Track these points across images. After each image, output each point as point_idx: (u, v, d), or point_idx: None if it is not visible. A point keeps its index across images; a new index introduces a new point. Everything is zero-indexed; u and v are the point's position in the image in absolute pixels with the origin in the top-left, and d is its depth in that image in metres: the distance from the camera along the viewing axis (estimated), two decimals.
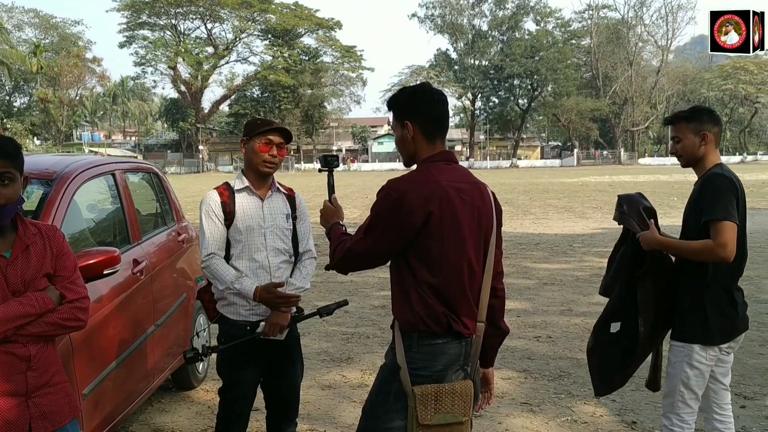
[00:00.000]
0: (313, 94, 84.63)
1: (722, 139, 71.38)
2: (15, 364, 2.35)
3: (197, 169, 79.21)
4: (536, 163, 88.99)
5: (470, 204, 2.53)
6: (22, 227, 2.48)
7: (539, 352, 6.36)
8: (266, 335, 3.38)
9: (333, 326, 7.38)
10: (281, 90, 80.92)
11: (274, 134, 3.46)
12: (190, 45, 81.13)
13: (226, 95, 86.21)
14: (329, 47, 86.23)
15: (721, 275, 3.23)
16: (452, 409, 2.48)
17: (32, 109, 78.95)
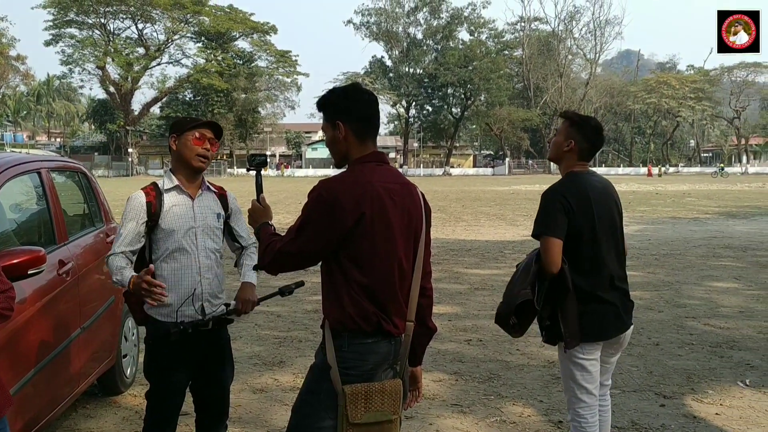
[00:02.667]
0: (247, 98, 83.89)
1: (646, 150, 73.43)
2: None
3: (126, 172, 77.42)
4: (469, 172, 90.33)
5: (401, 204, 2.56)
6: None
7: (470, 354, 6.46)
8: (241, 312, 3.44)
9: (265, 330, 7.34)
10: (214, 94, 79.94)
11: (206, 129, 3.43)
12: (119, 45, 79.35)
13: (157, 98, 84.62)
14: (264, 51, 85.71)
15: (577, 282, 3.38)
16: (382, 407, 2.51)
17: None
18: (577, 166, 3.56)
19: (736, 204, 28.67)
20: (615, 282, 3.47)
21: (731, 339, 6.93)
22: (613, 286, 3.46)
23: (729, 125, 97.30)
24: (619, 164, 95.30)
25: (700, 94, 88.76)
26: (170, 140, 3.49)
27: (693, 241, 15.24)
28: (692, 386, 5.51)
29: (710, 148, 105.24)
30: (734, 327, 7.40)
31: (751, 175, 79.11)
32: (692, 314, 8.03)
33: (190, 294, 3.36)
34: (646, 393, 5.37)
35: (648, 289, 9.47)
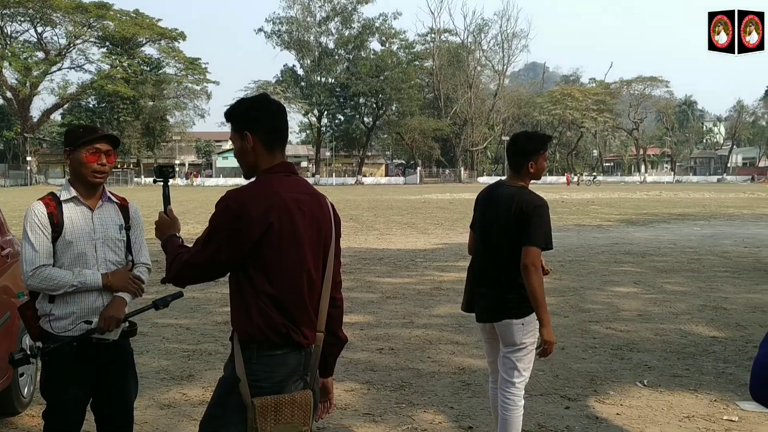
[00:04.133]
0: (154, 106, 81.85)
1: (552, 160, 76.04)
2: None
3: (25, 181, 74.09)
4: (381, 181, 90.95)
5: (309, 215, 2.56)
6: None
7: (382, 363, 6.49)
8: (101, 330, 3.20)
9: (173, 344, 7.15)
10: (120, 101, 77.63)
11: (101, 142, 3.30)
12: (17, 48, 75.93)
13: (58, 104, 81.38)
14: (172, 58, 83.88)
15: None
16: (292, 419, 2.49)
17: None
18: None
19: (636, 212, 29.96)
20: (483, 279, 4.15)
21: (631, 342, 7.22)
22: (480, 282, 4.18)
23: (628, 136, 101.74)
24: None
25: (601, 105, 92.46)
26: (64, 154, 3.35)
27: (596, 248, 15.82)
28: (595, 388, 5.71)
29: (612, 158, 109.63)
30: (633, 330, 7.72)
31: (649, 183, 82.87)
32: (595, 318, 8.32)
33: (90, 308, 3.24)
34: (552, 396, 5.52)
35: (554, 294, 9.76)
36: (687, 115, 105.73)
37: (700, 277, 11.66)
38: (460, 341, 7.34)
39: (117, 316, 3.25)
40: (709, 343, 7.22)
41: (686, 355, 6.75)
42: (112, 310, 3.25)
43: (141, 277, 3.39)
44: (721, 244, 16.99)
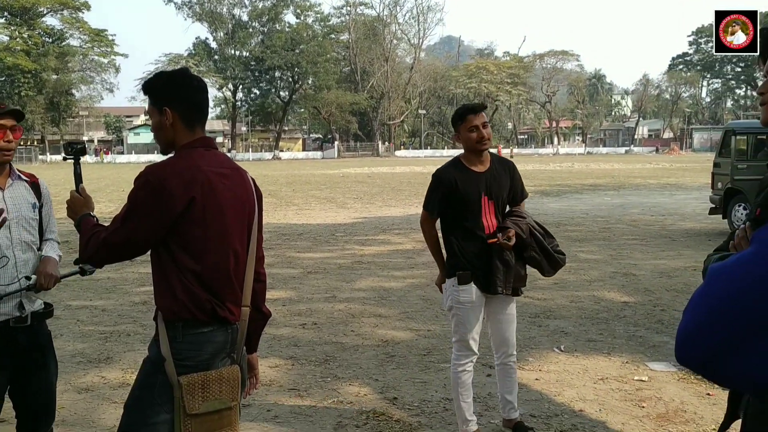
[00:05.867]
0: (58, 79, 78.33)
1: None
2: None
3: None
4: (298, 155, 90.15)
5: (232, 189, 2.51)
6: None
7: (305, 338, 6.49)
8: (41, 287, 3.12)
9: (89, 326, 6.94)
10: (21, 74, 73.92)
11: (5, 118, 3.14)
12: None
13: None
14: (76, 30, 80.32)
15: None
16: (220, 395, 2.46)
17: None
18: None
19: (549, 183, 30.79)
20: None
21: (548, 309, 7.46)
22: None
23: (542, 109, 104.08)
24: (443, 146, 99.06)
25: (516, 79, 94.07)
26: None
27: None
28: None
29: (526, 131, 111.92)
30: (550, 298, 7.97)
31: (562, 155, 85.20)
32: None
33: (5, 291, 3.10)
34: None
35: None
36: (597, 88, 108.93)
37: (611, 245, 12.12)
38: (382, 314, 7.41)
39: (55, 274, 3.18)
40: (621, 308, 7.53)
41: (600, 320, 7.03)
42: (50, 268, 3.18)
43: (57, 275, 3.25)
44: (629, 213, 17.68)
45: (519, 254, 4.08)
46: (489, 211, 4.05)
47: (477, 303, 4.07)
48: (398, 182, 32.39)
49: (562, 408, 4.75)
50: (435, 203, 4.13)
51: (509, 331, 4.23)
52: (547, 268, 4.18)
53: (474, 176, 4.04)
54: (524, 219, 4.11)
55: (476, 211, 4.01)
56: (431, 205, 4.16)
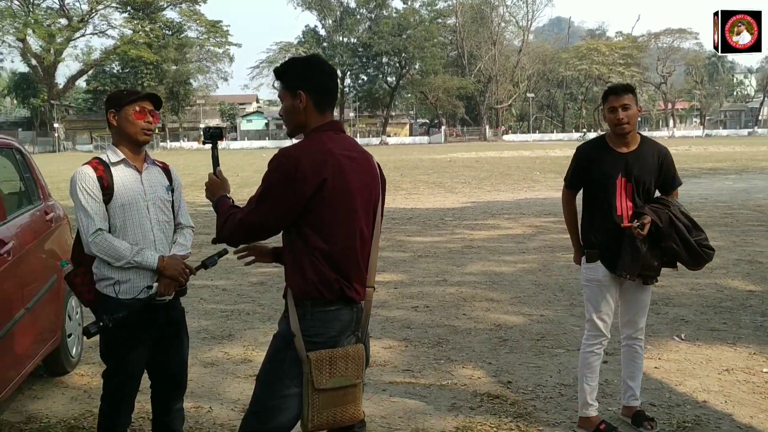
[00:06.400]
0: (177, 70, 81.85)
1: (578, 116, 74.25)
2: None
3: (53, 148, 74.81)
4: (405, 140, 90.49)
5: (360, 172, 2.58)
6: None
7: (417, 321, 6.55)
8: (161, 295, 3.27)
9: (211, 304, 7.28)
10: (143, 66, 77.69)
11: (145, 101, 3.34)
12: (40, 16, 76.09)
13: (82, 70, 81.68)
14: (194, 22, 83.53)
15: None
16: (346, 372, 2.54)
17: None
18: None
19: None
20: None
21: (666, 296, 7.20)
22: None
23: (656, 90, 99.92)
24: (552, 130, 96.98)
25: (628, 60, 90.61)
26: (108, 115, 3.37)
27: None
28: None
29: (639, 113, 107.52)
30: (668, 285, 7.68)
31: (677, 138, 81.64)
32: None
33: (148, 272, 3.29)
34: None
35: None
36: (717, 67, 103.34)
37: (734, 232, 11.56)
38: (494, 298, 7.37)
39: (175, 282, 3.32)
40: (746, 297, 7.18)
41: (723, 309, 6.73)
42: (170, 271, 3.30)
43: (191, 268, 3.40)
44: (754, 198, 16.78)
45: (655, 243, 3.92)
46: (625, 193, 3.93)
47: (605, 283, 4.00)
48: (506, 167, 32.02)
49: (684, 398, 4.59)
50: (570, 178, 4.16)
51: (638, 315, 4.13)
52: (687, 260, 3.97)
53: (613, 156, 3.94)
54: (667, 208, 3.91)
55: (610, 192, 3.92)
56: (568, 179, 4.19)
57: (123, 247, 3.21)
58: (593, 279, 4.04)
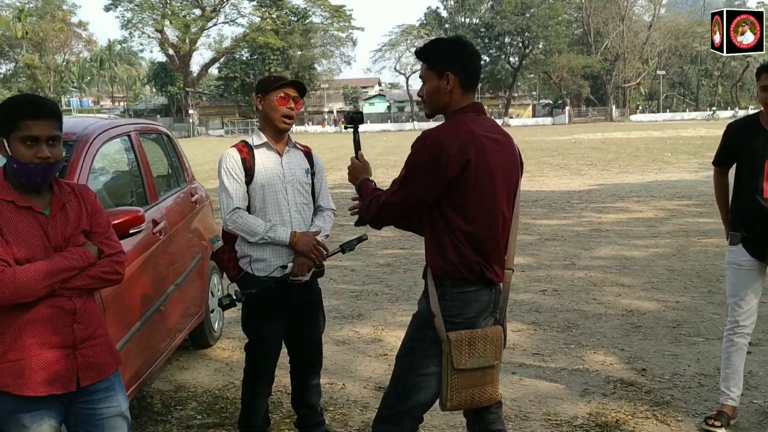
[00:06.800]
0: (302, 55, 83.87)
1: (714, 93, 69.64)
2: (62, 317, 2.41)
3: (188, 133, 78.63)
4: (528, 122, 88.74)
5: (502, 154, 2.59)
6: (57, 186, 2.53)
7: (546, 304, 6.47)
8: (295, 275, 3.42)
9: (341, 284, 7.48)
10: (270, 52, 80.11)
11: (290, 88, 3.48)
12: (176, 7, 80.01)
13: (214, 58, 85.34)
14: (318, 7, 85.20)
15: None
16: (485, 353, 2.57)
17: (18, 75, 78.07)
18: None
19: None
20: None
21: None
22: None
23: None
24: (684, 109, 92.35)
25: None
26: (256, 100, 3.55)
27: None
28: None
29: None
30: None
31: None
32: None
33: (284, 251, 3.45)
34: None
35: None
36: None
37: None
38: (625, 283, 7.17)
39: (309, 263, 3.45)
40: None
41: None
42: (304, 258, 3.45)
43: (324, 246, 3.53)
44: None
45: None
46: None
47: (746, 267, 3.81)
48: (635, 148, 30.81)
49: None
50: (717, 155, 4.04)
51: None
52: None
53: (765, 137, 3.72)
54: None
55: (757, 173, 3.71)
56: (715, 156, 4.08)
57: (257, 224, 3.38)
58: (733, 262, 3.87)
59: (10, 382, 2.37)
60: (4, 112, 2.41)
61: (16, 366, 2.37)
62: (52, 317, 2.40)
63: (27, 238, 2.39)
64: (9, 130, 2.37)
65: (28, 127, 2.36)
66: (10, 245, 2.35)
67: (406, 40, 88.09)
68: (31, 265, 2.35)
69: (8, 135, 2.38)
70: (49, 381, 2.40)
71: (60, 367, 2.41)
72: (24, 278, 2.31)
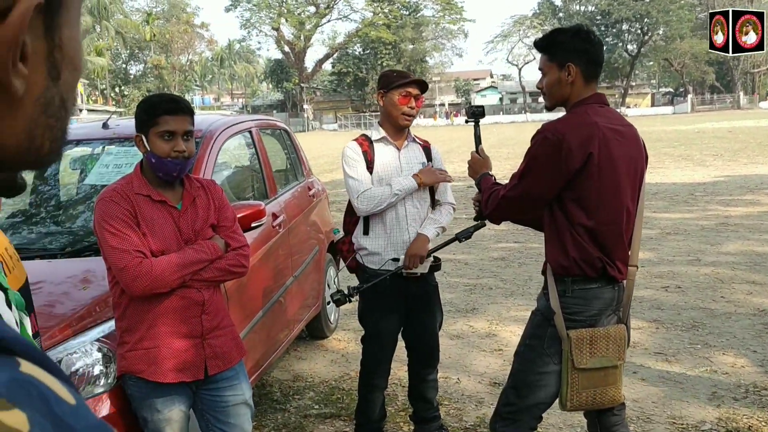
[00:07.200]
0: (414, 49, 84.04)
1: None
2: (191, 308, 2.52)
3: (303, 128, 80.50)
4: (647, 112, 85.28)
5: (626, 146, 2.49)
6: (188, 181, 2.65)
7: (669, 302, 6.21)
8: (408, 268, 3.42)
9: (455, 278, 7.45)
10: (382, 46, 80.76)
11: (412, 86, 3.48)
12: (292, 5, 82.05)
13: (328, 54, 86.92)
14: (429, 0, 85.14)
15: None
16: (607, 352, 2.49)
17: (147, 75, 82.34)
18: None
19: None
20: None
21: None
22: None
23: None
24: None
25: None
26: (377, 95, 3.57)
27: None
28: None
29: None
30: None
31: None
32: None
33: (398, 242, 3.47)
34: None
35: None
36: None
37: None
38: (757, 281, 6.76)
39: (420, 254, 3.44)
40: None
41: None
42: (415, 248, 3.44)
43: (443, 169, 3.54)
44: None
45: None
46: None
47: None
48: (765, 137, 29.02)
49: None
50: None
51: None
52: None
53: None
54: None
55: None
56: None
57: (381, 190, 3.41)
58: None
59: (144, 368, 2.51)
60: (144, 109, 2.55)
61: (149, 353, 2.50)
62: (183, 308, 2.51)
63: (162, 231, 2.52)
64: (148, 126, 2.50)
65: (165, 122, 2.48)
66: (147, 237, 2.48)
67: (518, 31, 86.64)
68: (166, 256, 2.47)
69: (147, 131, 2.51)
70: (179, 368, 2.52)
71: (189, 356, 2.53)
72: (160, 270, 2.43)
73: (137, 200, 2.50)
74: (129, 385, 2.57)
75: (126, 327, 2.54)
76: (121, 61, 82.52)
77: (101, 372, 2.62)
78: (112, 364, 2.62)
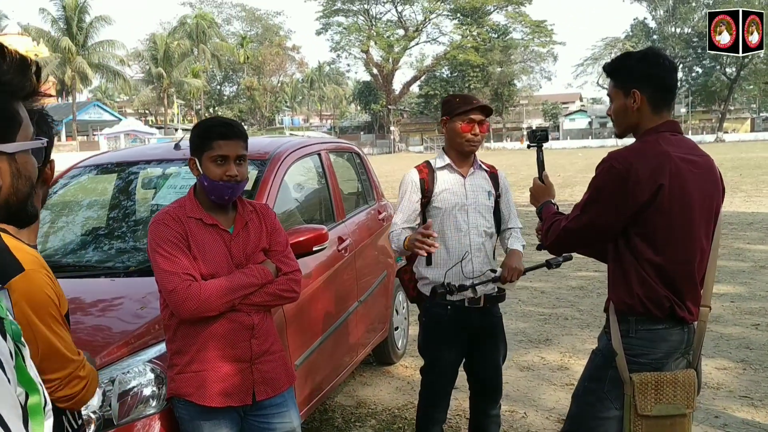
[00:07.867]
0: (502, 71, 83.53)
1: None
2: (241, 332, 2.50)
3: (389, 149, 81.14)
4: (745, 137, 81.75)
5: (700, 178, 2.32)
6: (240, 205, 2.64)
7: (759, 341, 5.83)
8: (505, 280, 3.30)
9: (529, 306, 7.24)
10: (470, 69, 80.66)
11: (475, 112, 3.38)
12: (381, 28, 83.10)
13: (416, 76, 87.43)
14: (518, 23, 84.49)
15: None
16: (674, 399, 2.31)
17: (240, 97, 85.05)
18: None
19: None
20: None
21: None
22: None
23: None
24: None
25: None
26: (441, 121, 3.50)
27: None
28: None
29: None
30: None
31: None
32: None
33: (458, 274, 3.36)
34: None
35: None
36: None
37: None
38: None
39: (519, 268, 3.33)
40: None
41: None
42: (514, 262, 3.34)
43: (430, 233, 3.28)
44: None
45: None
46: None
47: None
48: None
49: None
50: None
51: None
52: None
53: None
54: None
55: None
56: None
57: (394, 237, 3.38)
58: None
59: (192, 392, 2.49)
60: (198, 134, 2.56)
61: (197, 376, 2.49)
62: (232, 332, 2.49)
63: (212, 254, 2.51)
64: (201, 150, 2.51)
65: (219, 147, 2.48)
66: (197, 261, 2.48)
67: (610, 54, 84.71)
68: (215, 280, 2.46)
69: (200, 155, 2.52)
70: (227, 393, 2.49)
71: (237, 380, 2.50)
72: (209, 293, 2.42)
73: (189, 223, 2.50)
74: (178, 408, 2.56)
75: (176, 349, 2.54)
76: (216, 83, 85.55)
77: (153, 393, 2.62)
78: (164, 386, 2.62)
